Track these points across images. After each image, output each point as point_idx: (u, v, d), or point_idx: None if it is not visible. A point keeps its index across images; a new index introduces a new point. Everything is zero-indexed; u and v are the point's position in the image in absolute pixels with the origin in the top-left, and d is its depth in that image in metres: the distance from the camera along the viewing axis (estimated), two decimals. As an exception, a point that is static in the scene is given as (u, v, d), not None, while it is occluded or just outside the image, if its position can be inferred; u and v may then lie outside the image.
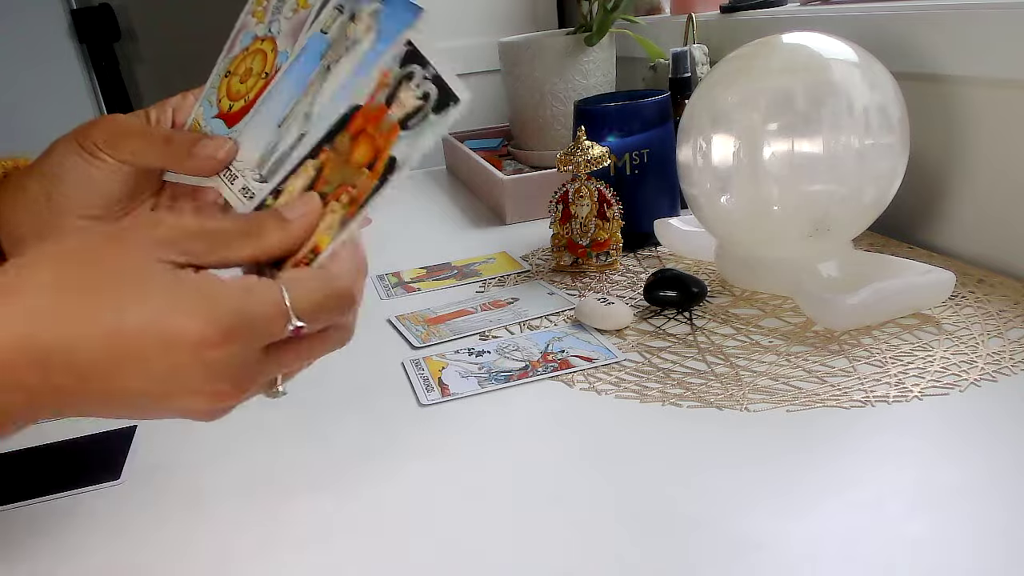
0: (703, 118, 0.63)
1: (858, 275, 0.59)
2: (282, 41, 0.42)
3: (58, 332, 0.30)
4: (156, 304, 0.30)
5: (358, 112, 0.38)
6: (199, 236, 0.33)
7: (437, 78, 0.36)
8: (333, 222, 0.37)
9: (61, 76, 2.20)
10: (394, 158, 0.36)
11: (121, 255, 0.32)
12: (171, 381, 0.31)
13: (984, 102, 0.66)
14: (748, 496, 0.40)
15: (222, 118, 0.44)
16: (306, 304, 0.33)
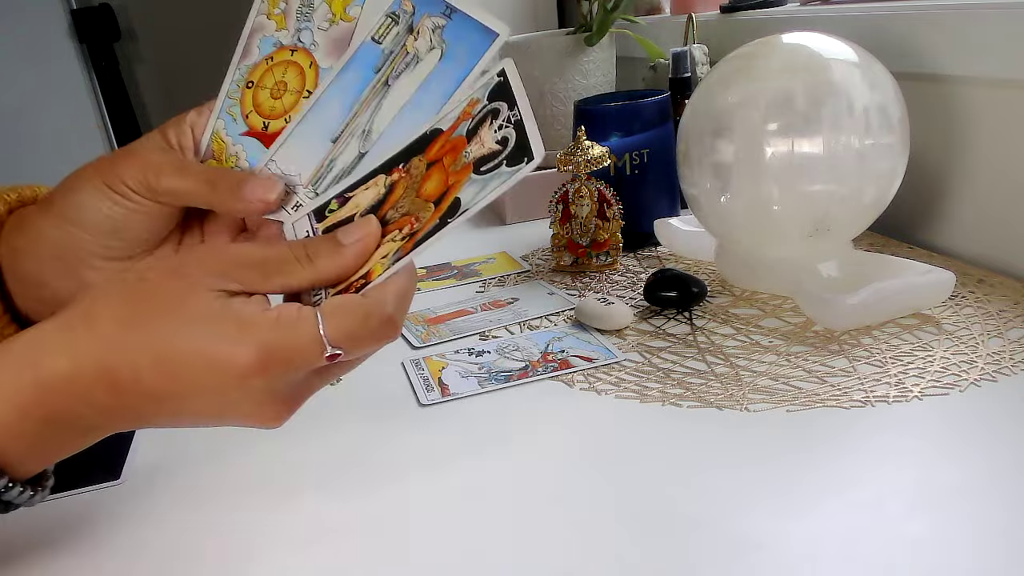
0: (703, 118, 0.63)
1: (858, 275, 0.59)
2: (323, 56, 0.40)
3: (126, 360, 0.33)
4: (202, 334, 0.33)
5: (438, 137, 0.37)
6: (254, 265, 0.35)
7: (519, 124, 0.34)
8: (389, 251, 0.36)
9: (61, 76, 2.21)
10: (459, 200, 0.35)
11: (178, 289, 0.34)
12: (223, 405, 0.34)
13: (984, 102, 0.66)
14: (748, 496, 0.40)
15: (256, 136, 0.41)
16: (343, 334, 0.34)
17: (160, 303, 0.33)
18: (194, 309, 0.33)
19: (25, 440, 0.33)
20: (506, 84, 0.35)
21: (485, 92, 0.36)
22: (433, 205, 0.36)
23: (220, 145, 0.42)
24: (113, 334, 0.33)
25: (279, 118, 0.41)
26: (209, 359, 0.33)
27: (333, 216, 0.38)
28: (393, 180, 0.37)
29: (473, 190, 0.35)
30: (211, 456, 0.50)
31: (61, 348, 0.33)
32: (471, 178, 0.35)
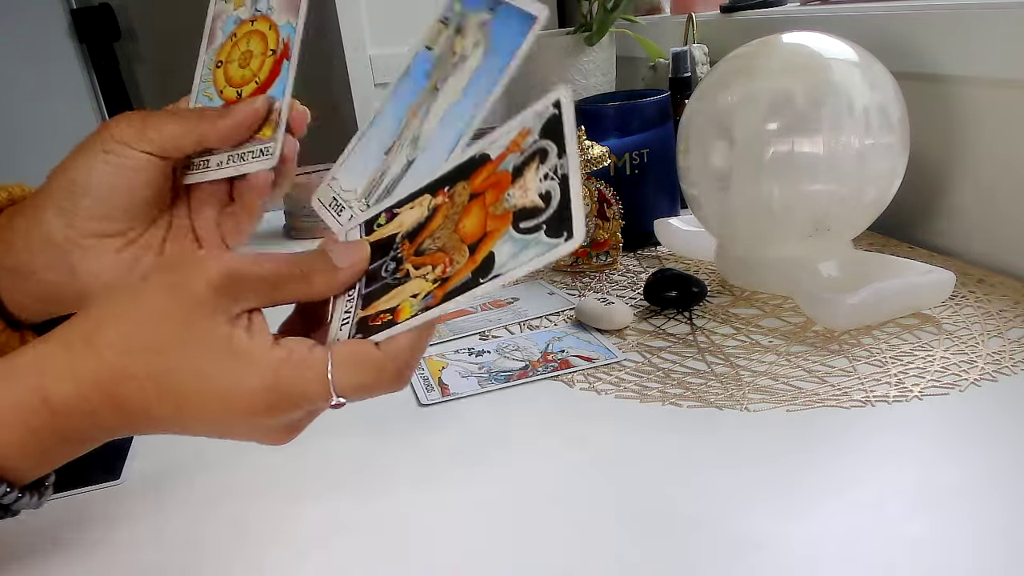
0: (703, 118, 0.63)
1: (858, 275, 0.59)
2: (279, 15, 0.40)
3: (131, 387, 0.33)
4: (209, 368, 0.33)
5: (486, 165, 0.35)
6: (254, 284, 0.34)
7: (565, 181, 0.32)
8: (420, 292, 0.35)
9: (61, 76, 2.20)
10: (493, 256, 0.33)
11: (180, 312, 0.33)
12: (228, 431, 0.35)
13: (984, 102, 0.66)
14: (748, 496, 0.40)
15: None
16: (351, 385, 0.34)
17: (164, 329, 0.33)
18: (199, 338, 0.33)
19: (33, 456, 0.34)
20: (558, 121, 0.33)
21: (539, 124, 0.34)
22: (468, 250, 0.34)
23: None
24: (117, 360, 0.33)
25: (250, 82, 0.41)
26: (216, 394, 0.33)
27: (380, 231, 0.38)
28: (436, 204, 0.36)
29: (509, 251, 0.33)
30: (211, 456, 0.50)
31: (66, 372, 0.33)
32: (509, 232, 0.33)
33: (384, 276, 0.37)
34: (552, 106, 0.33)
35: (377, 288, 0.37)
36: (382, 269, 0.37)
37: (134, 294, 0.34)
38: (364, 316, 0.36)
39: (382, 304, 0.36)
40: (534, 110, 0.34)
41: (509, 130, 0.35)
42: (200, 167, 0.43)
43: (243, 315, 0.34)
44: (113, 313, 0.34)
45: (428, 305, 0.34)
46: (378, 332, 0.35)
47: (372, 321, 0.36)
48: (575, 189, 0.32)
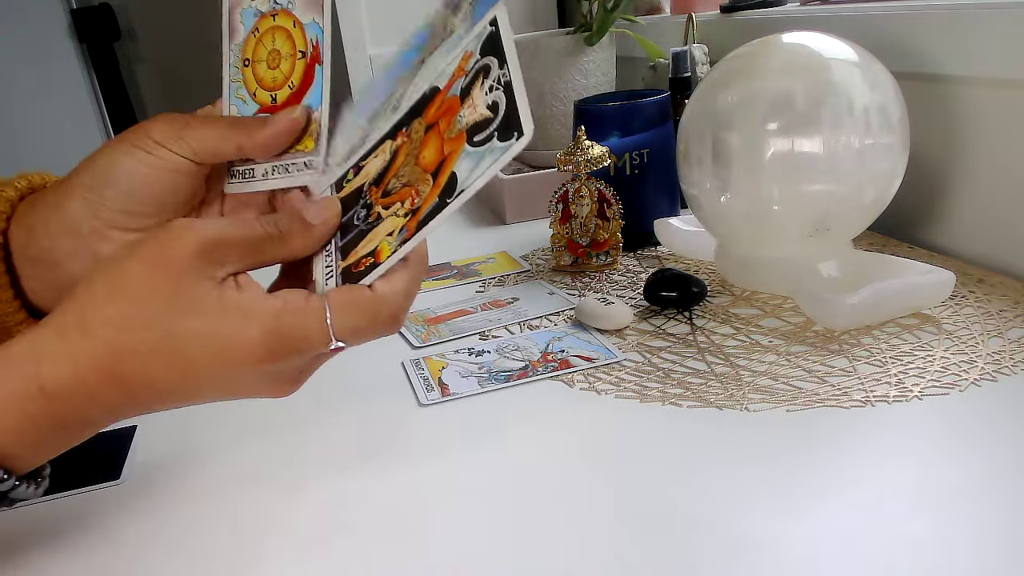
0: (703, 118, 0.63)
1: (858, 275, 0.59)
2: (303, 12, 0.40)
3: (133, 362, 0.33)
4: (207, 328, 0.33)
5: (436, 96, 0.36)
6: (233, 247, 0.35)
7: (508, 87, 0.33)
8: (395, 228, 0.36)
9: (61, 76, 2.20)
10: (455, 176, 0.34)
11: (167, 283, 0.33)
12: (235, 388, 0.36)
13: (984, 102, 0.66)
14: (748, 496, 0.40)
15: (269, 111, 0.41)
16: (348, 329, 0.35)
17: (154, 303, 0.33)
18: (192, 304, 0.33)
19: (32, 444, 0.34)
20: (496, 36, 0.34)
21: (478, 44, 0.35)
22: (431, 178, 0.35)
23: None
24: (112, 338, 0.33)
25: (283, 86, 0.41)
26: (218, 351, 0.33)
27: (349, 185, 0.39)
28: (397, 146, 0.37)
29: (468, 166, 0.34)
30: (211, 457, 0.50)
31: (60, 356, 0.33)
32: (465, 150, 0.34)
33: (356, 224, 0.38)
34: (488, 24, 0.34)
35: (353, 236, 0.37)
36: (354, 217, 0.38)
37: (118, 272, 0.34)
38: (347, 265, 0.37)
39: (361, 250, 0.36)
40: (473, 33, 0.35)
41: (452, 58, 0.35)
42: (242, 176, 0.42)
43: (228, 278, 0.35)
44: (102, 293, 0.34)
45: (404, 238, 0.35)
46: (363, 277, 0.36)
47: (355, 268, 0.36)
48: (519, 90, 0.33)
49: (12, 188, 0.42)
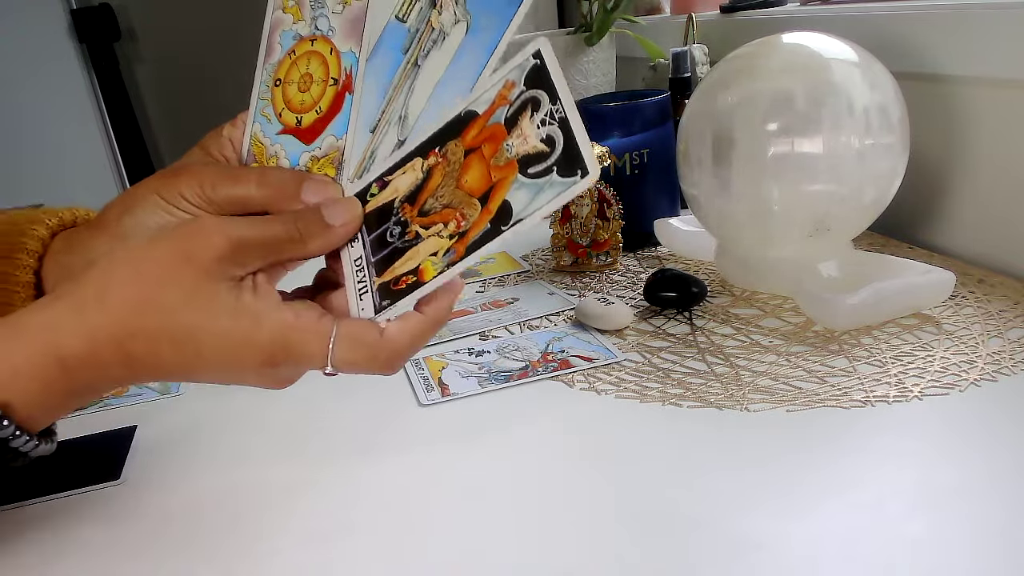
0: (703, 118, 0.63)
1: (858, 275, 0.59)
2: (341, 41, 0.40)
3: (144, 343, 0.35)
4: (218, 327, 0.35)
5: (474, 121, 0.36)
6: (255, 247, 0.36)
7: (565, 123, 0.33)
8: (439, 249, 0.36)
9: (61, 76, 2.20)
10: (509, 205, 0.34)
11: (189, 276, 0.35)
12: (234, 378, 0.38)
13: (984, 102, 0.66)
14: (748, 496, 0.40)
15: (292, 134, 0.41)
16: (345, 361, 0.37)
17: (174, 293, 0.35)
18: (209, 300, 0.35)
19: (45, 408, 0.36)
20: (543, 69, 0.34)
21: (521, 75, 0.34)
22: (479, 203, 0.35)
23: (259, 147, 0.42)
24: (129, 318, 0.35)
25: (310, 110, 0.41)
26: (225, 349, 0.35)
27: (374, 200, 0.39)
28: (430, 165, 0.37)
29: (524, 197, 0.34)
30: (210, 457, 0.50)
31: (78, 330, 0.35)
32: (519, 180, 0.34)
33: (391, 241, 0.38)
34: (532, 57, 0.34)
35: (387, 253, 0.37)
36: (387, 234, 0.38)
37: (144, 258, 0.36)
38: (385, 282, 0.37)
39: (400, 267, 0.37)
40: (514, 64, 0.35)
41: (491, 86, 0.35)
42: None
43: (247, 277, 0.36)
44: (126, 275, 0.36)
45: (452, 260, 0.35)
46: (406, 295, 0.36)
47: (395, 285, 0.37)
48: (578, 128, 0.33)
49: (44, 226, 0.43)
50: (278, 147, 0.41)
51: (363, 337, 0.36)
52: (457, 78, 0.37)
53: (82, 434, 0.55)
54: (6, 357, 0.35)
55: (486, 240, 0.35)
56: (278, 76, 0.41)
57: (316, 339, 0.36)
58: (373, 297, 0.37)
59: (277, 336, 0.36)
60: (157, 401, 0.59)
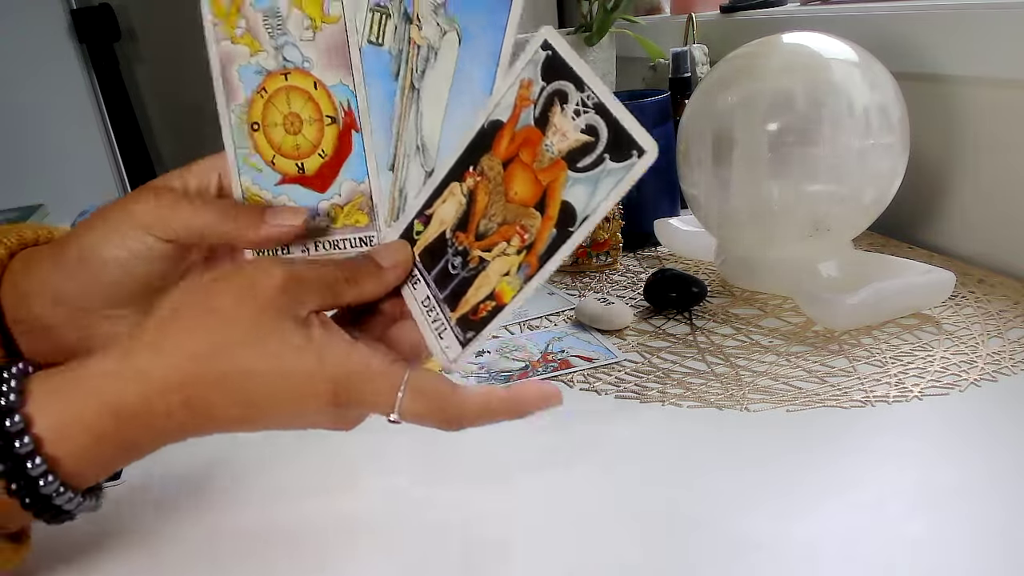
0: (703, 118, 0.63)
1: (858, 275, 0.59)
2: (324, 72, 0.36)
3: (203, 393, 0.33)
4: (288, 369, 0.33)
5: (501, 131, 0.34)
6: (316, 288, 0.35)
7: (602, 108, 0.32)
8: (510, 267, 0.34)
9: (61, 76, 2.20)
10: (569, 205, 0.33)
11: (253, 317, 0.33)
12: (299, 421, 0.35)
13: (984, 102, 0.66)
14: (748, 496, 0.40)
15: (298, 182, 0.38)
16: (412, 412, 0.35)
17: (235, 332, 0.33)
18: (274, 336, 0.33)
19: (96, 464, 0.34)
20: (557, 58, 0.33)
21: (536, 70, 0.33)
22: (537, 211, 0.34)
23: (256, 199, 0.39)
24: (187, 363, 0.33)
25: (310, 155, 0.38)
26: (289, 390, 0.33)
27: (423, 237, 0.37)
28: (470, 186, 0.35)
29: (583, 192, 0.32)
30: (211, 457, 0.50)
31: (134, 381, 0.33)
32: (571, 177, 0.33)
33: (454, 272, 0.36)
34: (541, 48, 0.33)
35: (455, 286, 0.36)
36: (448, 267, 0.36)
37: (201, 299, 0.34)
38: (462, 314, 0.36)
39: (473, 297, 0.35)
40: (524, 60, 0.34)
41: (508, 90, 0.34)
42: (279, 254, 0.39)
43: (311, 315, 0.34)
44: (181, 319, 0.34)
45: (528, 275, 0.34)
46: (488, 321, 0.35)
47: (474, 315, 0.35)
48: (617, 109, 0.32)
49: (2, 247, 0.40)
50: (284, 198, 0.38)
51: (434, 390, 0.35)
52: (467, 92, 0.35)
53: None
54: (57, 410, 0.33)
55: (557, 246, 0.33)
56: (254, 119, 0.38)
57: (386, 385, 0.34)
58: (454, 333, 0.36)
59: (343, 375, 0.33)
60: (157, 401, 0.59)
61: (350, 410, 0.35)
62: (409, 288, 0.38)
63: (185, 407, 0.33)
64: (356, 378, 0.34)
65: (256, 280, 0.34)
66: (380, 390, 0.34)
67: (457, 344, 0.36)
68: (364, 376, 0.34)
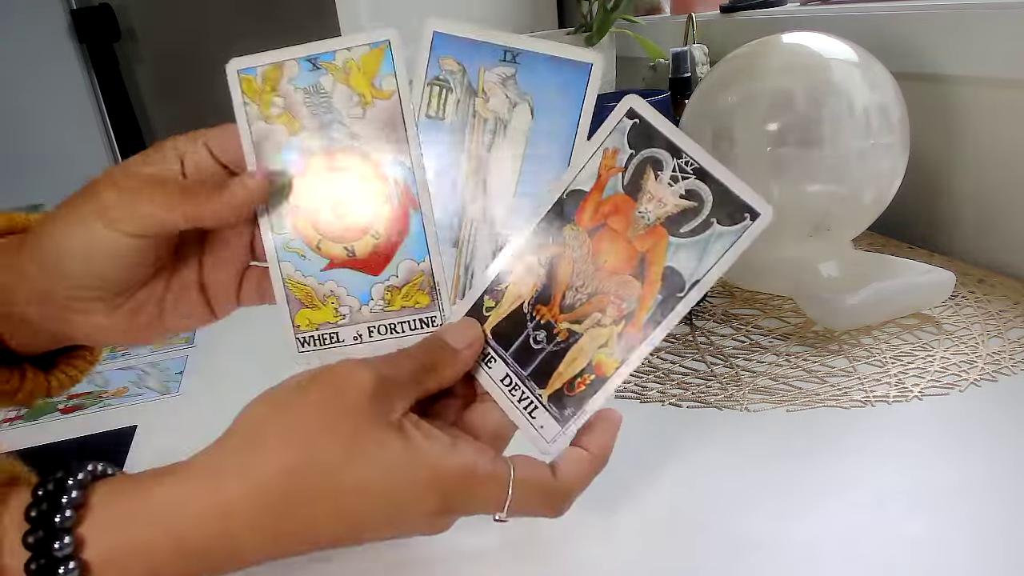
0: (703, 118, 0.63)
1: (858, 275, 0.59)
2: (377, 150, 0.35)
3: (299, 515, 0.30)
4: (393, 484, 0.31)
5: (584, 201, 0.33)
6: (401, 385, 0.32)
7: (703, 173, 0.31)
8: (607, 338, 0.33)
9: (61, 76, 2.20)
10: (674, 271, 0.32)
11: (348, 427, 0.31)
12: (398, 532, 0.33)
13: (984, 102, 0.66)
14: (748, 496, 0.40)
15: (348, 266, 0.36)
16: (520, 510, 0.33)
17: (332, 445, 0.30)
18: (375, 451, 0.31)
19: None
20: (647, 126, 0.32)
21: (622, 138, 0.33)
22: (635, 279, 0.33)
23: (303, 289, 0.36)
24: (283, 486, 0.30)
25: (361, 237, 0.36)
26: (394, 505, 0.31)
27: (494, 313, 0.36)
28: (549, 258, 0.34)
29: (690, 257, 0.32)
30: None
31: (212, 512, 0.30)
32: (674, 242, 0.32)
33: (538, 347, 0.35)
34: (626, 117, 0.33)
35: (542, 362, 0.35)
36: (530, 342, 0.35)
37: (284, 416, 0.31)
38: (556, 390, 0.34)
39: (568, 371, 0.34)
40: (607, 130, 0.33)
41: (588, 160, 0.34)
42: (318, 343, 0.37)
43: (403, 420, 0.32)
44: (269, 440, 0.31)
45: (632, 344, 0.33)
46: (589, 396, 0.34)
47: (571, 390, 0.34)
48: (723, 173, 0.32)
49: None
50: (332, 284, 0.36)
51: (537, 481, 0.33)
52: (541, 163, 0.34)
53: (82, 434, 0.54)
54: (115, 537, 0.29)
55: (665, 313, 0.32)
56: (295, 202, 0.36)
57: (494, 488, 0.32)
58: (548, 411, 0.34)
59: (450, 484, 0.31)
60: (157, 401, 0.59)
61: (455, 516, 0.33)
62: (483, 368, 0.36)
63: (274, 529, 0.30)
64: (463, 485, 0.31)
65: (343, 389, 0.31)
66: (488, 495, 0.32)
67: (553, 422, 0.34)
68: (471, 482, 0.31)
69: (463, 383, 0.36)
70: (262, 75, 0.35)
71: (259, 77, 0.35)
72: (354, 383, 0.31)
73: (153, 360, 0.66)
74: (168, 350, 0.68)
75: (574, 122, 0.34)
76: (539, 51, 0.34)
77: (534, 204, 0.35)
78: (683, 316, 0.33)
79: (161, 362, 0.66)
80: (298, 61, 0.35)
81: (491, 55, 0.34)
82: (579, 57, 0.34)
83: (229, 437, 0.32)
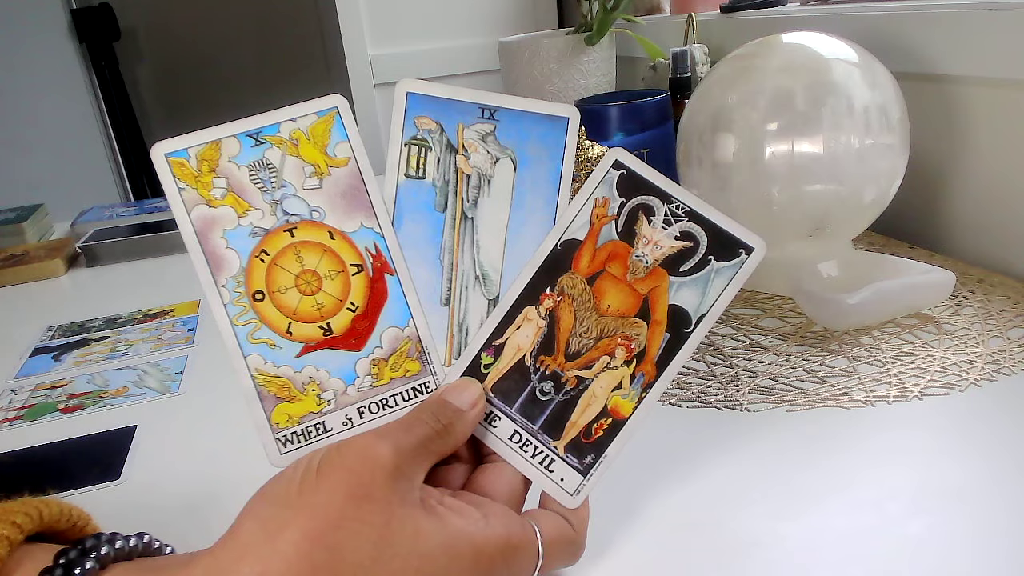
0: (703, 118, 0.63)
1: (858, 275, 0.59)
2: (341, 219, 0.33)
3: None
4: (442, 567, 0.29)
5: (580, 250, 0.34)
6: (417, 456, 0.31)
7: (694, 215, 0.33)
8: (620, 379, 0.34)
9: (61, 76, 2.21)
10: (680, 308, 0.33)
11: (373, 517, 0.28)
12: None
13: (984, 102, 0.66)
14: (748, 496, 0.40)
15: (327, 347, 0.33)
16: (548, 568, 0.32)
17: (363, 546, 0.28)
18: (409, 543, 0.28)
19: None
20: (634, 176, 0.34)
21: (610, 189, 0.34)
22: (641, 319, 0.34)
23: (275, 382, 0.33)
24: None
25: (336, 312, 0.33)
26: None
27: (494, 369, 0.35)
28: (548, 308, 0.34)
29: (692, 294, 0.33)
30: (211, 457, 0.50)
31: None
32: (675, 282, 0.33)
33: (545, 398, 0.34)
34: (612, 168, 0.34)
35: (553, 411, 0.34)
36: (537, 394, 0.35)
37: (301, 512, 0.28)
38: (571, 440, 0.34)
39: (582, 418, 0.34)
40: (595, 181, 0.34)
41: (579, 210, 0.34)
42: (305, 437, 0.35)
43: (424, 495, 0.31)
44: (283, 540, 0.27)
45: (647, 383, 0.34)
46: (609, 441, 0.34)
47: (588, 437, 0.34)
48: (713, 214, 0.33)
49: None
50: (310, 369, 0.33)
51: (561, 537, 0.33)
52: (529, 216, 0.34)
53: (82, 434, 0.54)
54: None
55: (675, 349, 0.33)
56: (255, 289, 0.33)
57: (528, 553, 0.31)
58: (567, 462, 0.34)
59: (487, 560, 0.30)
60: (157, 401, 0.59)
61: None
62: (487, 429, 0.35)
63: None
64: (501, 559, 0.30)
65: (359, 473, 0.29)
66: (523, 563, 0.31)
67: (574, 473, 0.34)
68: (507, 555, 0.31)
69: (464, 445, 0.35)
70: (196, 156, 0.33)
71: (193, 159, 0.33)
72: (370, 463, 0.29)
73: (153, 360, 0.66)
74: (168, 350, 0.68)
75: (557, 171, 0.35)
76: (513, 107, 0.34)
77: (526, 256, 0.35)
78: (691, 353, 0.33)
79: (161, 362, 0.66)
80: (237, 137, 0.33)
81: (468, 112, 0.34)
82: (556, 112, 0.34)
83: (232, 542, 0.28)
